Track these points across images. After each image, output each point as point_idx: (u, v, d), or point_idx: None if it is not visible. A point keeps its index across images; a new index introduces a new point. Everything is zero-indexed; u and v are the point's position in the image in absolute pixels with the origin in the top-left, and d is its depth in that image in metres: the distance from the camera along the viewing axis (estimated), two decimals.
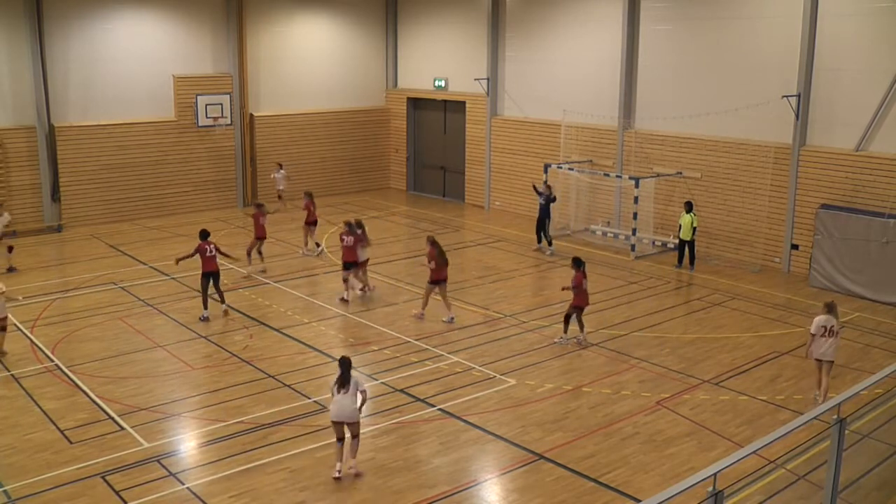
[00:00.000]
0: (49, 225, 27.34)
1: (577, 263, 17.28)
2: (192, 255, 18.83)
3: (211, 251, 18.65)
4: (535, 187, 25.78)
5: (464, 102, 31.98)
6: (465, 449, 12.90)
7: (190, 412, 14.16)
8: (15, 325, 18.30)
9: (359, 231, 20.37)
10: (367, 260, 20.74)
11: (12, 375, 15.58)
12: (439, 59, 33.03)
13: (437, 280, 18.57)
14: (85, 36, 27.78)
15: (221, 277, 19.46)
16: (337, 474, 11.90)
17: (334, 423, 11.94)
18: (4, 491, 11.64)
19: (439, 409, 14.17)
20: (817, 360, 14.41)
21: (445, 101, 33.10)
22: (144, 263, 23.40)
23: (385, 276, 22.16)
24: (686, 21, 24.76)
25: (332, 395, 11.91)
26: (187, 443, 13.21)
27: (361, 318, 18.90)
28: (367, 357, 16.58)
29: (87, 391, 14.88)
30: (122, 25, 28.46)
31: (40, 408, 14.25)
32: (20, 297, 19.66)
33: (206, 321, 18.52)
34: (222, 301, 19.11)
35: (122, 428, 13.48)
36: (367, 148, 34.58)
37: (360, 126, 34.20)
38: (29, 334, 17.80)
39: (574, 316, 17.28)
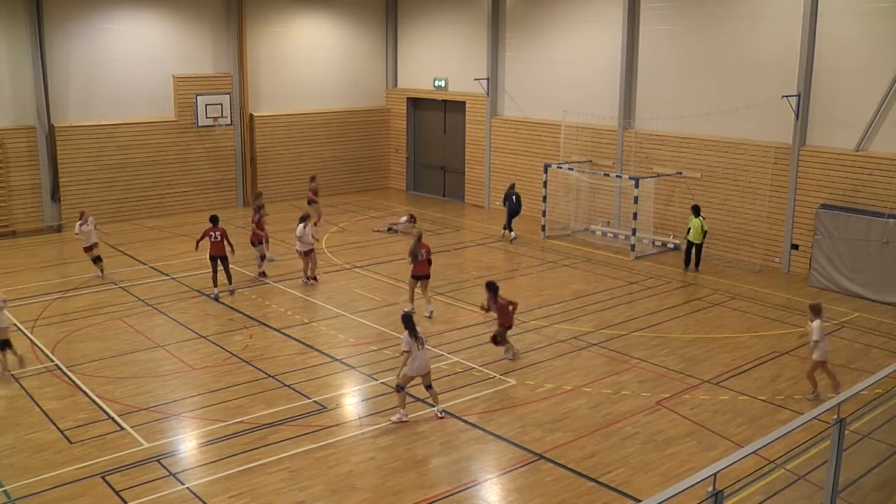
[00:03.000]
0: (49, 225, 27.34)
1: (492, 287, 16.54)
2: (202, 237, 20.44)
3: (216, 237, 20.12)
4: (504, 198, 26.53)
5: (464, 102, 31.98)
6: (465, 449, 12.89)
7: (190, 412, 14.16)
8: (15, 325, 18.30)
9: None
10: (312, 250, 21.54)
11: (12, 375, 15.58)
12: (439, 59, 33.04)
13: (417, 275, 18.99)
14: (85, 36, 27.79)
15: (231, 260, 20.74)
16: (406, 418, 13.60)
17: (413, 377, 13.63)
18: (4, 491, 11.64)
19: (439, 409, 14.16)
20: (822, 362, 14.51)
21: (445, 101, 33.10)
22: (144, 263, 23.40)
23: (385, 276, 22.16)
24: (686, 21, 24.76)
25: (414, 352, 13.42)
26: (187, 443, 13.21)
27: (361, 317, 18.90)
28: (368, 357, 16.58)
29: (87, 391, 14.88)
30: (122, 26, 28.47)
31: (40, 408, 14.25)
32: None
33: (216, 299, 19.37)
34: (229, 281, 20.45)
35: (122, 428, 13.48)
36: (367, 148, 34.59)
37: (360, 126, 34.21)
38: (29, 334, 17.81)
39: (500, 335, 16.53)
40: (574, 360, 16.51)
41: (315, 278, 21.54)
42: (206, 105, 29.88)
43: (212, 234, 20.13)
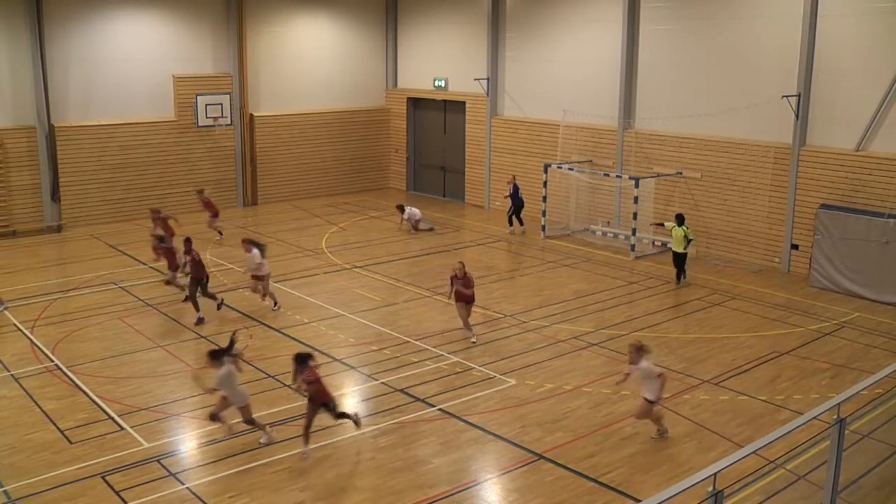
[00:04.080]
0: (49, 225, 27.34)
1: (301, 360, 12.73)
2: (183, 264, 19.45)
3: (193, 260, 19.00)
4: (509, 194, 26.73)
5: (464, 102, 31.98)
6: (465, 449, 12.90)
7: (190, 412, 14.15)
8: (15, 325, 18.33)
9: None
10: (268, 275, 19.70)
11: (12, 375, 15.58)
12: (439, 59, 33.04)
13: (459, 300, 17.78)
14: (85, 36, 27.79)
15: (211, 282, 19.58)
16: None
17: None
18: (5, 491, 11.65)
19: (439, 409, 14.17)
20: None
21: (445, 101, 33.10)
22: (144, 263, 23.40)
23: (385, 276, 22.17)
24: (686, 21, 24.76)
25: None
26: (187, 443, 13.21)
27: (361, 317, 18.90)
28: (368, 357, 16.58)
29: (87, 391, 14.88)
30: (123, 26, 28.46)
31: (40, 408, 14.25)
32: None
33: (203, 322, 18.51)
34: (213, 298, 19.16)
35: (122, 428, 13.48)
36: (368, 148, 34.59)
37: (361, 126, 34.21)
38: (29, 334, 17.81)
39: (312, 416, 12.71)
40: (574, 360, 16.51)
41: (274, 300, 19.66)
42: (206, 105, 29.89)
43: (186, 258, 19.17)
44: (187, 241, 19.13)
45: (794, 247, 22.59)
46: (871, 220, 20.20)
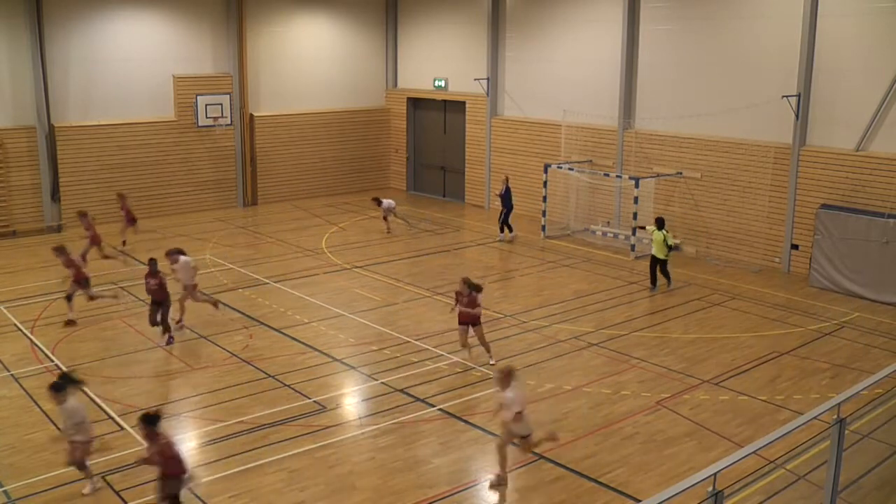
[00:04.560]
0: (49, 225, 27.33)
1: (150, 421, 10.67)
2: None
3: (153, 285, 17.19)
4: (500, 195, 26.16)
5: (464, 102, 31.98)
6: (465, 449, 12.90)
7: (190, 412, 14.16)
8: (15, 325, 18.33)
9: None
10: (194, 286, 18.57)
11: (12, 376, 15.58)
12: (439, 59, 33.04)
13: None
14: (85, 36, 27.79)
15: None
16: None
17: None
18: (4, 491, 11.65)
19: (439, 410, 14.18)
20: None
21: (445, 101, 33.10)
22: (144, 263, 23.31)
23: (385, 276, 22.16)
24: (686, 21, 24.76)
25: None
26: (187, 443, 13.19)
27: (361, 317, 18.90)
28: (368, 357, 16.58)
29: (88, 391, 14.85)
30: (123, 26, 28.46)
31: (40, 408, 14.24)
32: None
33: (172, 344, 17.28)
34: (164, 330, 17.33)
35: (122, 428, 13.49)
36: (368, 148, 34.58)
37: (361, 126, 34.20)
38: (29, 335, 17.80)
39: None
40: (574, 360, 16.51)
41: (181, 323, 18.30)
42: (206, 105, 29.88)
43: (149, 281, 17.32)
44: (152, 261, 17.37)
45: (794, 247, 22.59)
46: (871, 220, 20.20)
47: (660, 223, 21.13)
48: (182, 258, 18.28)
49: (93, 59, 27.99)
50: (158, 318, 17.27)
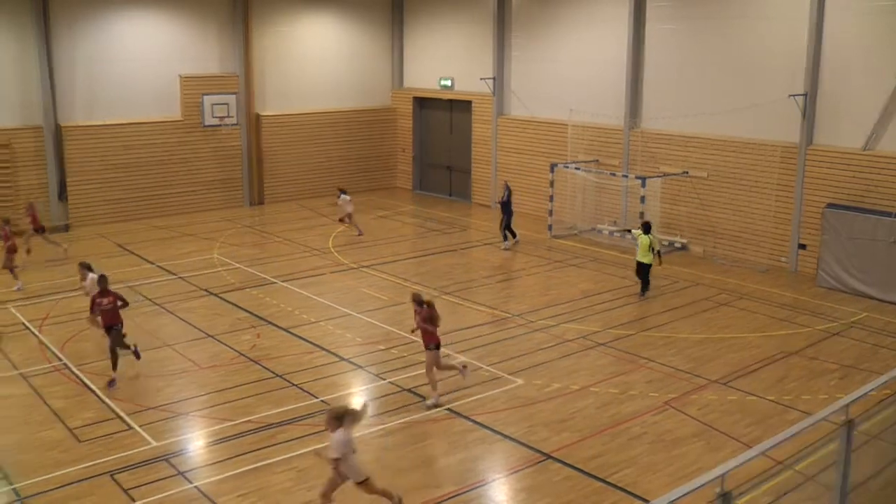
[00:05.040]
0: (56, 224, 27.38)
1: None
2: (92, 308, 15.72)
3: (106, 304, 15.31)
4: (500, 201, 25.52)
5: (470, 102, 31.97)
6: (472, 449, 12.90)
7: (198, 411, 14.18)
8: (23, 324, 18.37)
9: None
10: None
11: (21, 374, 15.62)
12: (445, 59, 33.04)
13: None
14: (91, 36, 27.88)
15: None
16: None
17: None
18: (13, 489, 11.68)
19: (447, 409, 14.17)
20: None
21: (451, 101, 33.10)
22: (151, 262, 23.43)
23: (392, 276, 22.17)
24: (692, 20, 24.72)
25: None
26: (195, 442, 13.24)
27: (369, 317, 18.91)
28: (375, 356, 16.59)
29: (95, 390, 14.91)
30: (129, 26, 28.53)
31: (49, 406, 14.28)
32: None
33: (114, 386, 15.18)
34: (113, 367, 15.24)
35: (130, 427, 13.50)
36: (374, 147, 34.57)
37: (367, 125, 34.20)
38: (37, 333, 17.84)
39: None
40: (581, 360, 16.49)
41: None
42: (212, 105, 29.93)
43: (101, 301, 15.35)
44: (102, 278, 15.70)
45: (802, 246, 22.54)
46: (878, 220, 20.15)
47: (646, 228, 20.67)
48: (90, 275, 17.14)
49: (99, 58, 28.07)
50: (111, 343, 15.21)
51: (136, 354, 15.75)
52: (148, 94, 29.10)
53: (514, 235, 25.68)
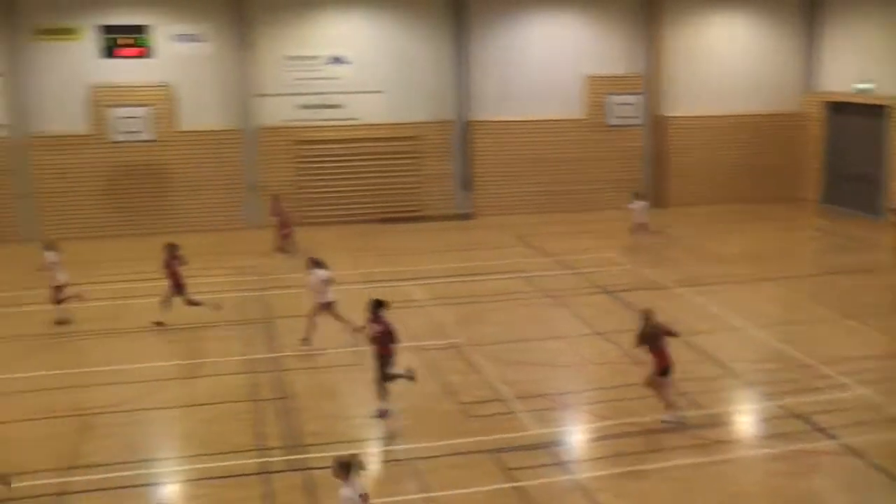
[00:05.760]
0: (458, 212, 29.09)
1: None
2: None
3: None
4: None
5: (886, 107, 28.76)
6: (869, 494, 11.59)
7: (582, 405, 14.19)
8: (420, 301, 19.55)
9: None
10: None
11: (420, 346, 16.63)
12: (863, 61, 30.08)
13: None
14: (505, 38, 29.29)
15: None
16: None
17: None
18: (406, 448, 12.57)
19: (842, 444, 12.87)
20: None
21: (868, 106, 29.90)
22: (550, 255, 23.92)
23: (789, 291, 20.73)
24: None
25: None
26: (575, 435, 13.28)
27: (761, 332, 17.66)
28: (765, 375, 15.50)
29: (486, 370, 15.48)
30: (540, 27, 29.55)
31: (442, 379, 15.09)
32: None
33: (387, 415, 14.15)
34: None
35: (515, 411, 13.83)
36: (777, 155, 32.44)
37: (773, 131, 32.07)
38: (436, 311, 18.94)
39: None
40: None
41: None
42: (616, 105, 30.11)
43: (373, 327, 13.69)
44: (377, 303, 13.79)
45: None
46: None
47: None
48: (318, 272, 16.83)
49: (510, 59, 29.40)
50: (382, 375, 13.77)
51: (410, 377, 13.92)
52: (553, 93, 29.86)
53: None
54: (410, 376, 13.81)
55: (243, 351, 16.90)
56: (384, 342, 13.52)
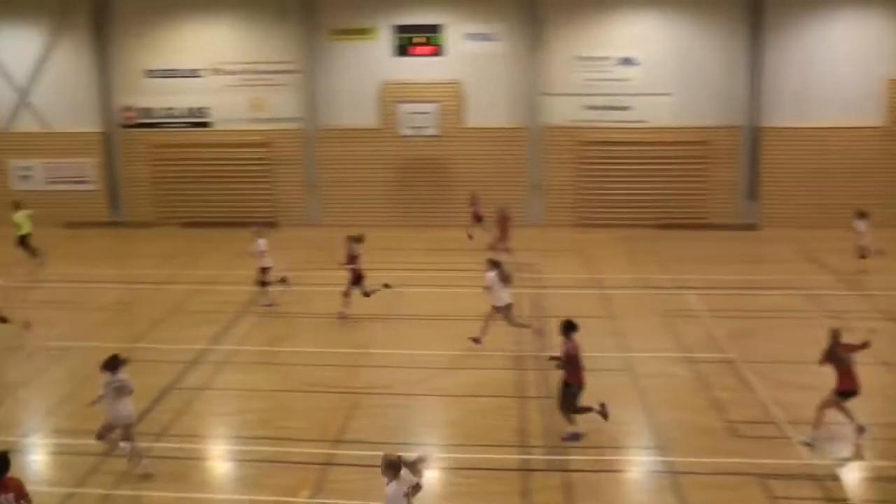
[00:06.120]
0: (742, 222, 27.94)
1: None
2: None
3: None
4: None
5: None
6: None
7: (860, 440, 13.23)
8: (698, 312, 19.04)
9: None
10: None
11: (689, 357, 16.26)
12: None
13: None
14: (802, 39, 27.70)
15: None
16: None
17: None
18: (667, 461, 12.35)
19: None
20: None
21: None
22: (835, 273, 22.51)
23: None
24: None
25: None
26: (853, 472, 12.38)
27: None
28: None
29: (759, 390, 14.87)
30: (839, 27, 27.64)
31: (710, 394, 14.68)
32: None
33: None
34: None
35: (786, 436, 13.19)
36: None
37: None
38: (711, 323, 18.42)
39: None
40: None
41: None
42: None
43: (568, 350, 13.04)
44: (569, 325, 13.16)
45: None
46: None
47: None
48: (493, 273, 16.90)
49: (809, 61, 27.73)
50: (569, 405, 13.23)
51: (603, 414, 13.29)
52: (850, 98, 27.77)
53: None
54: (604, 413, 13.24)
55: (513, 347, 17.29)
56: (572, 366, 13.00)
